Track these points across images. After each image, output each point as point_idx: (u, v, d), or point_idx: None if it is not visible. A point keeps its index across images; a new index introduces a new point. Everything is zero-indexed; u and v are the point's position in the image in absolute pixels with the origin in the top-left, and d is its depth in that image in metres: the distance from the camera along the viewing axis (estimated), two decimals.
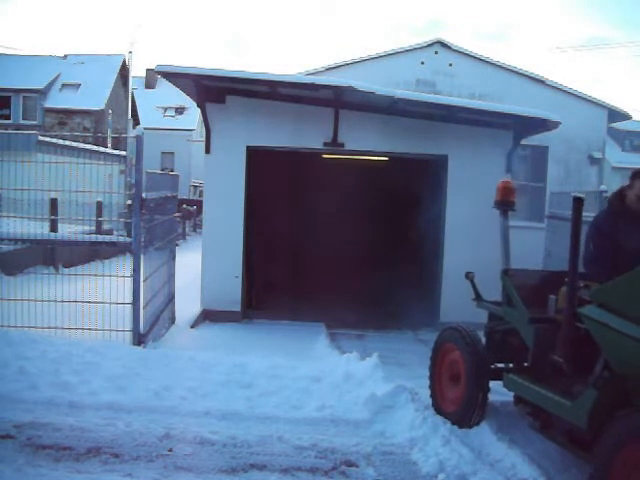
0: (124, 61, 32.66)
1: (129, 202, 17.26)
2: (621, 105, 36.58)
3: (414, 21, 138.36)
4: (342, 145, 10.42)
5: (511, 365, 5.41)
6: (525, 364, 5.10)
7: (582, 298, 4.39)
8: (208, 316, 10.17)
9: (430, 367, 5.87)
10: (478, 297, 5.83)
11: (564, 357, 4.45)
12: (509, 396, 5.39)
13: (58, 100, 30.96)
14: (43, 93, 30.84)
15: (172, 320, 9.28)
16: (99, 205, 15.64)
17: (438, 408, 5.64)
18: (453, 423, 5.30)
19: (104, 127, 30.32)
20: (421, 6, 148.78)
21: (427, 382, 5.88)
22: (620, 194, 4.90)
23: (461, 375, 5.41)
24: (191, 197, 32.75)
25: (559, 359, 4.49)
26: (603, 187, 12.34)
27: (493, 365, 5.46)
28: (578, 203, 4.48)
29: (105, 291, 7.27)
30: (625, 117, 18.26)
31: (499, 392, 5.48)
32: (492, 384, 5.36)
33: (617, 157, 36.43)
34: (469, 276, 5.80)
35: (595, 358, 4.17)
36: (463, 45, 17.05)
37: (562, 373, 4.53)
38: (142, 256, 7.35)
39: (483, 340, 5.58)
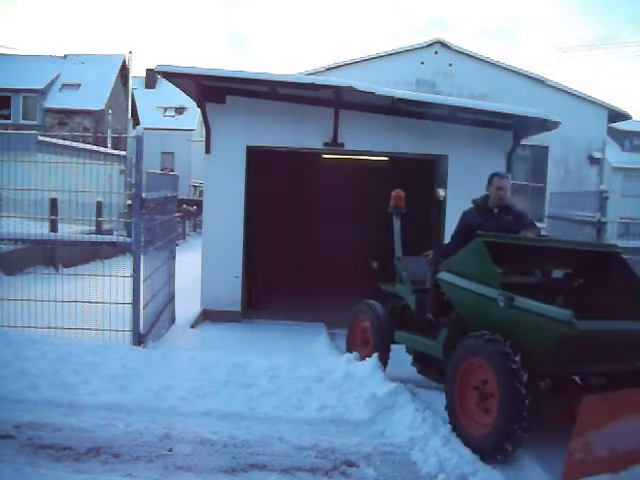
0: (124, 61, 32.68)
1: (129, 202, 17.27)
2: (621, 105, 36.53)
3: (415, 20, 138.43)
4: (342, 145, 10.40)
5: None
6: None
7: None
8: (208, 316, 10.16)
9: (347, 334, 7.37)
10: (381, 282, 7.23)
11: (432, 313, 6.12)
12: None
13: (58, 100, 30.98)
14: (43, 93, 30.87)
15: (172, 320, 9.28)
16: (99, 205, 15.63)
17: None
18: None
19: (104, 127, 30.34)
20: (422, 4, 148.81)
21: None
22: (485, 197, 6.41)
23: (370, 339, 6.91)
24: (191, 197, 32.76)
25: (429, 315, 6.15)
26: (603, 187, 12.35)
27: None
28: (439, 202, 5.87)
29: (105, 291, 7.27)
30: (625, 117, 18.29)
31: None
32: None
33: (617, 157, 36.43)
34: (373, 265, 7.22)
35: (451, 310, 5.76)
36: (464, 44, 17.14)
37: (433, 326, 6.08)
38: (142, 256, 7.35)
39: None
